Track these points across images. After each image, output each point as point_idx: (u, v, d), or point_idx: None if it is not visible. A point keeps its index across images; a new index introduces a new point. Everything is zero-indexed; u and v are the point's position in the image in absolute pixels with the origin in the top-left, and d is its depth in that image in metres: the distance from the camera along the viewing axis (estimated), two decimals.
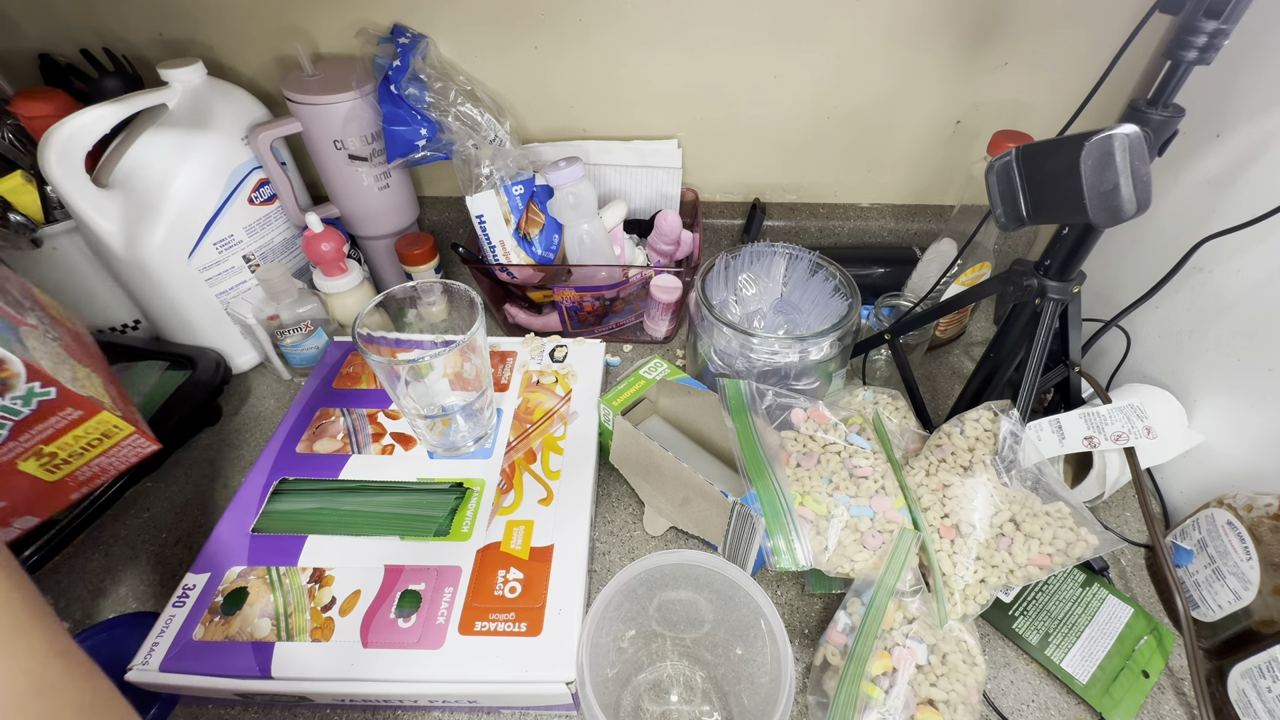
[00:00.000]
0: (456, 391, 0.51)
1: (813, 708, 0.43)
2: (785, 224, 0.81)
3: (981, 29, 0.65)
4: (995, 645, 0.48)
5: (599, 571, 0.52)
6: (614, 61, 0.70)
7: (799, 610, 0.50)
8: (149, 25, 0.68)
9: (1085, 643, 0.47)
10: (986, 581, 0.44)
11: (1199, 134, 0.55)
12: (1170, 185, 0.58)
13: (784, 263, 0.63)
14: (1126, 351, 0.62)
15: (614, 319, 0.72)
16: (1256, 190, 0.51)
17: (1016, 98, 0.70)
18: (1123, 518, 0.57)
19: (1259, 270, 0.50)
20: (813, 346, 0.55)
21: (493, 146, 0.67)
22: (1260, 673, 0.41)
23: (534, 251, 0.67)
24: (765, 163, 0.78)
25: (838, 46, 0.67)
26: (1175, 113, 0.42)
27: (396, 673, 0.41)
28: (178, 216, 0.59)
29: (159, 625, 0.43)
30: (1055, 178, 0.39)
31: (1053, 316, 0.49)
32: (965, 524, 0.45)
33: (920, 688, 0.40)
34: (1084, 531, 0.43)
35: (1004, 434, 0.47)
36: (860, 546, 0.45)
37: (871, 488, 0.47)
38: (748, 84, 0.71)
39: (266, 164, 0.64)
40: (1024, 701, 0.45)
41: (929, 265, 0.68)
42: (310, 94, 0.62)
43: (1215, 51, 0.39)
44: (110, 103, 0.55)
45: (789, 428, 0.51)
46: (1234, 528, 0.46)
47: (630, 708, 0.43)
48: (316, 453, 0.55)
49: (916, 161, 0.77)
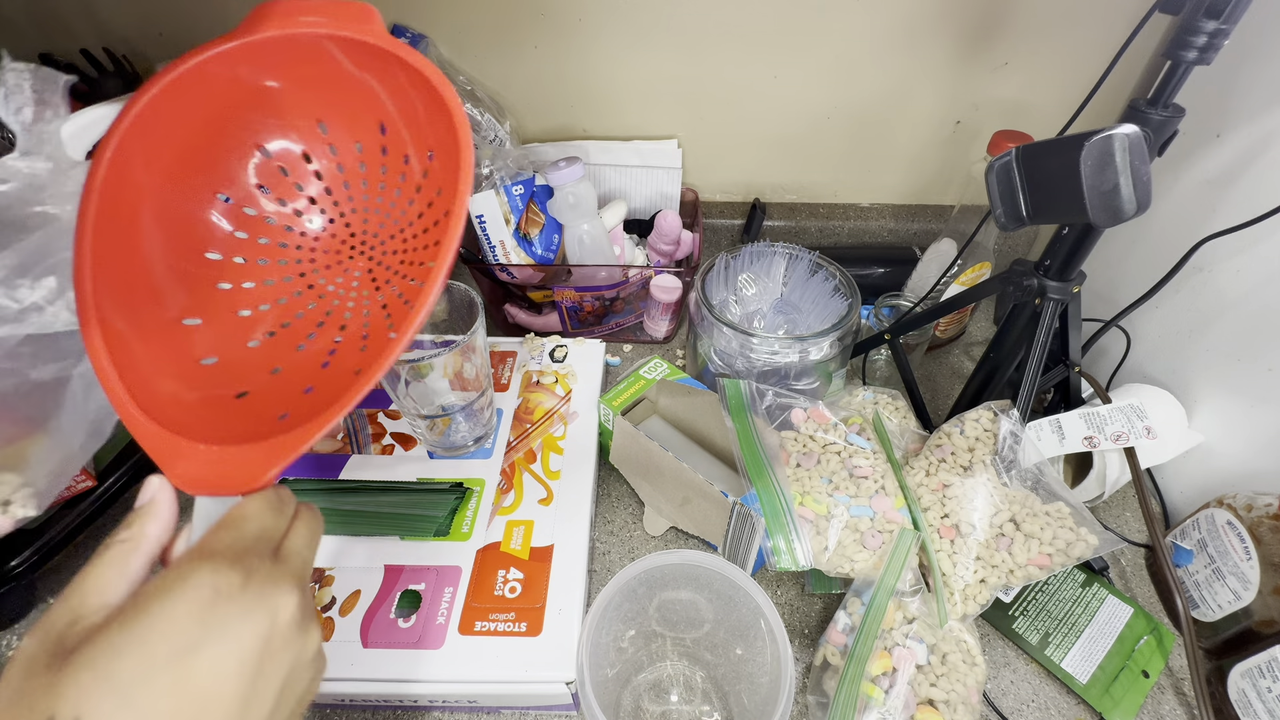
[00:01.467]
0: (456, 391, 0.51)
1: (813, 708, 0.43)
2: (785, 224, 0.81)
3: (981, 29, 0.65)
4: (995, 645, 0.48)
5: (599, 571, 0.52)
6: (614, 61, 0.70)
7: (799, 610, 0.50)
8: (149, 25, 0.68)
9: (1085, 643, 0.47)
10: (986, 581, 0.44)
11: (1199, 134, 0.55)
12: (1170, 185, 0.58)
13: (784, 263, 0.63)
14: (1126, 351, 0.62)
15: (614, 319, 0.72)
16: (1256, 190, 0.51)
17: (1016, 98, 0.70)
18: (1123, 518, 0.57)
19: (1259, 270, 0.50)
20: (813, 346, 0.55)
21: (493, 146, 0.67)
22: (1260, 673, 0.41)
23: (534, 251, 0.67)
24: (765, 163, 0.78)
25: (838, 46, 0.67)
26: (1175, 113, 0.42)
27: (396, 673, 0.41)
28: None
29: None
30: (1055, 178, 0.39)
31: (1053, 316, 0.49)
32: (965, 524, 0.45)
33: (920, 688, 0.40)
34: (1084, 531, 0.43)
35: (1004, 434, 0.47)
36: (860, 546, 0.45)
37: (871, 488, 0.47)
38: (748, 84, 0.71)
39: None
40: (1024, 701, 0.45)
41: (929, 265, 0.68)
42: None
43: (1215, 51, 0.39)
44: (110, 103, 0.54)
45: (789, 428, 0.51)
46: (1234, 528, 0.46)
47: (630, 708, 0.43)
48: (316, 452, 0.55)
49: (916, 161, 0.77)
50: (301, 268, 0.42)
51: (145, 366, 0.34)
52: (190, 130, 0.39)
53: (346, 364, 0.39)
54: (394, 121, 0.41)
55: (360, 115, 0.41)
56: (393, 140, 0.41)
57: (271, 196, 0.42)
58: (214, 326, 0.38)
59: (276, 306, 0.41)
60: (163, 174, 0.38)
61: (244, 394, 0.37)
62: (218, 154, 0.41)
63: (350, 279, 0.42)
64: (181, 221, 0.39)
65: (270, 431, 0.31)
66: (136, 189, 0.37)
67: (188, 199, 0.40)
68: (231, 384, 0.37)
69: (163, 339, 0.36)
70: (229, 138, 0.41)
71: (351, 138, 0.42)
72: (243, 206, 0.41)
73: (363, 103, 0.40)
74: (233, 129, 0.41)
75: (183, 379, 0.35)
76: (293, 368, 0.39)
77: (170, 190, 0.39)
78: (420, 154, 0.40)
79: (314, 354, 0.40)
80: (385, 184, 0.42)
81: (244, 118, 0.40)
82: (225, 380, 0.37)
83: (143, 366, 0.34)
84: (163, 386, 0.34)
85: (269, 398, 0.37)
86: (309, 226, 0.43)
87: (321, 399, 0.34)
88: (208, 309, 0.38)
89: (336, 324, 0.41)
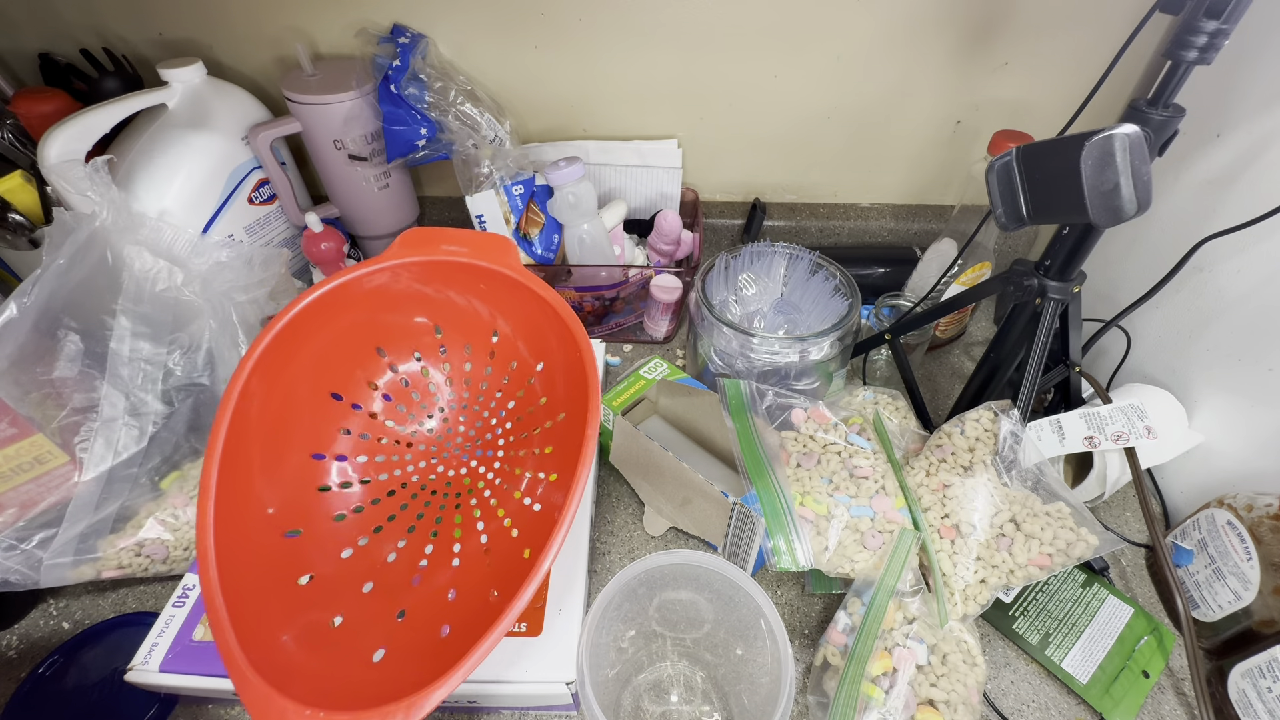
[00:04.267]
0: None
1: (813, 708, 0.43)
2: (785, 224, 0.81)
3: (982, 29, 0.65)
4: (995, 645, 0.48)
5: (599, 571, 0.52)
6: (614, 61, 0.70)
7: (799, 610, 0.50)
8: (149, 25, 0.68)
9: (1085, 643, 0.47)
10: (987, 582, 0.43)
11: (1199, 134, 0.55)
12: (1170, 185, 0.58)
13: (784, 263, 0.63)
14: (1127, 351, 0.62)
15: (614, 319, 0.71)
16: (1257, 190, 0.51)
17: (1017, 98, 0.70)
18: (1123, 518, 0.57)
19: (1259, 270, 0.50)
20: (813, 346, 0.55)
21: (493, 146, 0.67)
22: (1260, 673, 0.41)
23: (534, 251, 0.67)
24: (765, 163, 0.78)
25: (838, 46, 0.67)
26: (1175, 112, 0.42)
27: None
28: (177, 217, 0.59)
29: (159, 625, 0.43)
30: (1056, 178, 0.39)
31: (1053, 316, 0.49)
32: (965, 524, 0.45)
33: (920, 688, 0.40)
34: (1084, 532, 0.43)
35: (1004, 434, 0.47)
36: (860, 547, 0.45)
37: (872, 488, 0.47)
38: (748, 84, 0.71)
39: (266, 164, 0.64)
40: (1024, 702, 0.45)
41: (929, 265, 0.68)
42: (310, 94, 0.62)
43: (1215, 51, 0.39)
44: (110, 103, 0.54)
45: (789, 428, 0.51)
46: (1234, 528, 0.46)
47: (630, 708, 0.43)
48: None
49: (917, 161, 0.77)
50: (399, 464, 0.45)
51: (254, 608, 0.34)
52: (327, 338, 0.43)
53: (436, 581, 0.40)
54: (509, 338, 0.45)
55: (476, 328, 0.46)
56: (503, 347, 0.45)
57: (389, 405, 0.46)
58: (312, 537, 0.40)
59: (369, 508, 0.43)
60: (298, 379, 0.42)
61: (339, 620, 0.37)
62: (345, 361, 0.44)
63: (441, 482, 0.45)
64: (305, 424, 0.43)
65: (368, 681, 0.32)
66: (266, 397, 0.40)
67: (313, 409, 0.43)
68: (326, 605, 0.37)
69: (270, 558, 0.37)
70: (358, 346, 0.45)
71: (464, 341, 0.47)
72: (356, 407, 0.45)
73: (477, 319, 0.46)
74: (363, 336, 0.45)
75: (284, 602, 0.36)
76: (385, 585, 0.40)
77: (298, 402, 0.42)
78: (529, 362, 0.45)
79: (405, 565, 0.41)
80: (487, 384, 0.46)
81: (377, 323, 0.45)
82: (320, 601, 0.38)
83: (252, 608, 0.34)
84: (267, 624, 0.34)
85: (363, 623, 0.37)
86: (420, 427, 0.47)
87: (416, 628, 0.36)
88: (309, 517, 0.41)
89: (426, 531, 0.43)
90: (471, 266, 0.42)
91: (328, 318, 0.42)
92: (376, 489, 0.44)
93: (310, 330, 0.41)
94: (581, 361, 0.38)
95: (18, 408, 0.42)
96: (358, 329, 0.44)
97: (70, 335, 0.46)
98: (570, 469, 0.34)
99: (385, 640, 0.36)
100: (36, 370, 0.45)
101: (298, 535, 0.39)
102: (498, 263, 0.42)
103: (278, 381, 0.40)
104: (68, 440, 0.45)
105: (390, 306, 0.45)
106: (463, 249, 0.43)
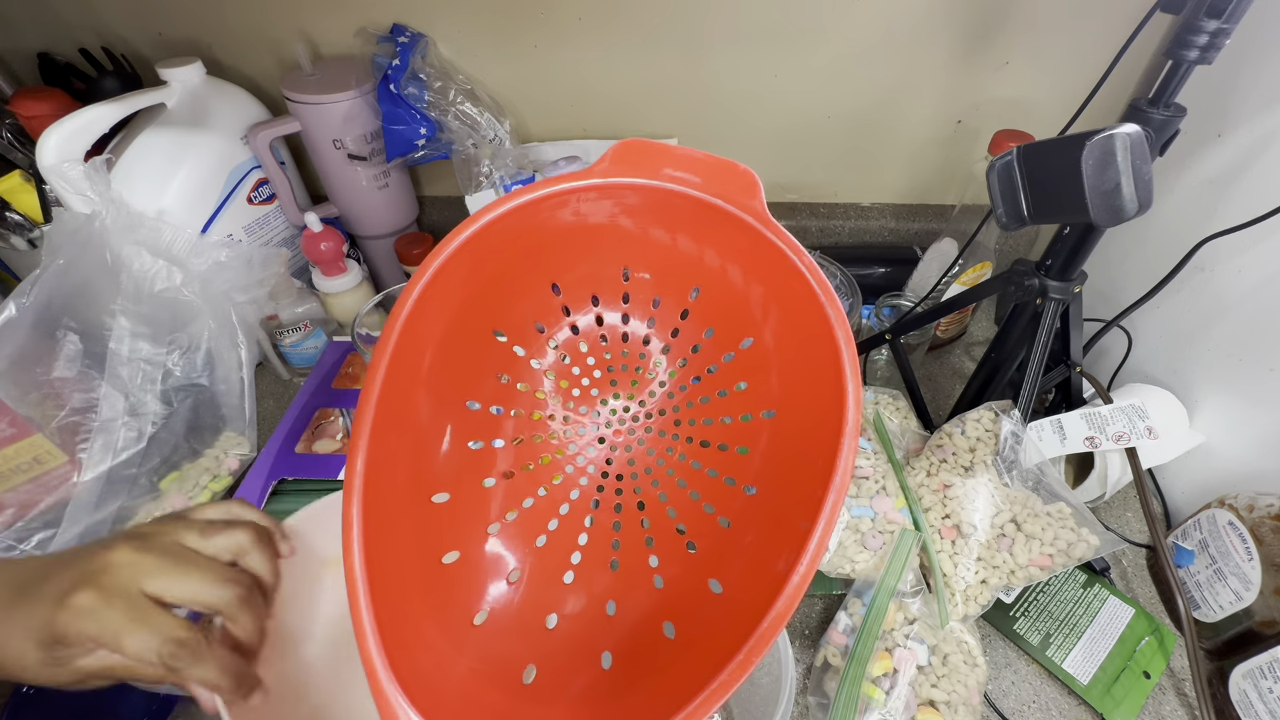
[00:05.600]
0: None
1: (813, 708, 0.43)
2: (785, 223, 0.79)
3: (982, 28, 0.65)
4: (996, 646, 0.48)
5: None
6: (614, 61, 0.69)
7: (799, 611, 0.50)
8: (148, 25, 0.68)
9: (1086, 643, 0.47)
10: (987, 582, 0.43)
11: (1200, 134, 0.55)
12: (1171, 185, 0.58)
13: None
14: (1128, 351, 0.62)
15: None
16: (1258, 190, 0.51)
17: (1017, 97, 0.70)
18: (1124, 518, 0.57)
19: (1260, 270, 0.50)
20: None
21: (492, 146, 0.66)
22: (1262, 673, 0.41)
23: None
24: (765, 162, 0.78)
25: (837, 46, 0.67)
26: (1177, 112, 0.42)
27: None
28: (176, 216, 0.59)
29: None
30: (1056, 177, 0.38)
31: (1054, 316, 0.49)
32: (966, 524, 0.45)
33: (921, 689, 0.40)
34: (1085, 532, 0.43)
35: (1005, 434, 0.47)
36: (861, 547, 0.45)
37: (872, 488, 0.47)
38: (748, 83, 0.70)
39: (265, 163, 0.64)
40: (1025, 702, 0.45)
41: (930, 265, 0.68)
42: (310, 93, 0.62)
43: (1217, 51, 0.39)
44: (109, 102, 0.54)
45: None
46: (1235, 528, 0.46)
47: None
48: (315, 453, 0.54)
49: (917, 161, 0.77)
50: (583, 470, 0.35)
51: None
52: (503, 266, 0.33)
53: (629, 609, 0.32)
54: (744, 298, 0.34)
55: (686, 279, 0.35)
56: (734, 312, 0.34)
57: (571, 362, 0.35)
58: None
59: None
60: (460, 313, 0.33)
61: (531, 676, 0.29)
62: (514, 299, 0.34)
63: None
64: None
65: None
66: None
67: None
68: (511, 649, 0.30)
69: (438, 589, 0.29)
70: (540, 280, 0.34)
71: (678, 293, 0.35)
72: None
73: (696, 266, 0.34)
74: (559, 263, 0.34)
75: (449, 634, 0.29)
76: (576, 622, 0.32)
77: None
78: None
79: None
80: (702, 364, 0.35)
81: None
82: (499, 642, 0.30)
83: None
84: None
85: (558, 669, 0.29)
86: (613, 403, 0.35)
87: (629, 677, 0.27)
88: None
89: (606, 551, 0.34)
90: (705, 204, 0.32)
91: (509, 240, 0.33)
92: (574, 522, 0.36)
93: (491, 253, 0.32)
94: (838, 352, 0.28)
95: (17, 408, 0.42)
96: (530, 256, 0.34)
97: (69, 335, 0.46)
98: (793, 490, 0.25)
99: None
100: (36, 370, 0.45)
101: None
102: (733, 203, 0.32)
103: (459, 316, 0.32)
104: (67, 440, 0.45)
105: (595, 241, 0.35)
106: (692, 176, 0.33)
